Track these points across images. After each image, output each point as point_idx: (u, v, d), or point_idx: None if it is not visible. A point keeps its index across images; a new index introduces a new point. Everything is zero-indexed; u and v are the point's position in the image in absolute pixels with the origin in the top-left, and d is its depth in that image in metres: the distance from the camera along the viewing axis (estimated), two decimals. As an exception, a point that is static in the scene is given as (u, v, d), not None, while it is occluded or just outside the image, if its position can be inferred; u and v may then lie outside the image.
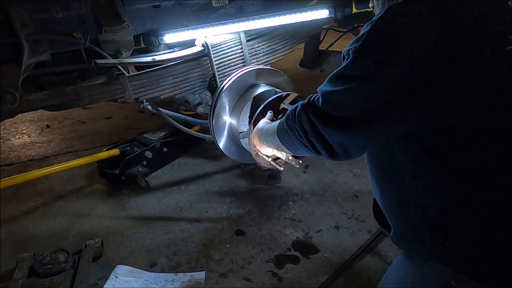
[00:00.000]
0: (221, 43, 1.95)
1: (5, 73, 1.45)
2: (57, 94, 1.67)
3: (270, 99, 1.58)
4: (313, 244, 1.96)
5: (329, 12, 2.15)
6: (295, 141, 1.00)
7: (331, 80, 0.89)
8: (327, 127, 0.88)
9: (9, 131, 3.55)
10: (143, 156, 2.58)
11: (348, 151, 0.89)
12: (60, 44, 1.57)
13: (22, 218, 2.26)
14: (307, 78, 3.56)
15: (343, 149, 0.89)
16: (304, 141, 0.95)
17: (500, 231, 0.85)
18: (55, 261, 1.70)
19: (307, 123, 0.91)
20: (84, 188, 2.56)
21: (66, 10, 1.55)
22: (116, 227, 2.14)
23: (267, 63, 2.13)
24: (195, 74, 1.95)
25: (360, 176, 2.53)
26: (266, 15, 1.94)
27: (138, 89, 1.81)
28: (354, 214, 2.17)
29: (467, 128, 0.80)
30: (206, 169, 2.73)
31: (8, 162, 2.96)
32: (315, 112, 0.89)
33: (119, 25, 1.65)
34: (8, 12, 1.40)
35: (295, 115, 0.96)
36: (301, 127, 0.94)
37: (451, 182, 0.85)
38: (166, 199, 2.39)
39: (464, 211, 0.86)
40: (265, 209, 2.25)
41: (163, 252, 1.94)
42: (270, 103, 1.57)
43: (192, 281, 1.74)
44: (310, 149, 0.95)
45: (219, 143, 1.88)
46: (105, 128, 3.55)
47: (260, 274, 1.77)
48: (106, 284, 1.71)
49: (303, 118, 0.92)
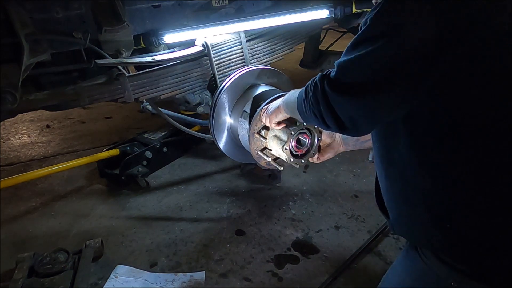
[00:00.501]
0: (221, 43, 1.95)
1: (5, 73, 1.45)
2: (57, 94, 1.67)
3: (270, 99, 1.58)
4: (313, 244, 1.96)
5: (329, 12, 2.15)
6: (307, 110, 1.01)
7: (347, 50, 0.90)
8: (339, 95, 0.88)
9: (9, 131, 3.55)
10: (143, 156, 2.58)
11: (357, 125, 0.90)
12: (60, 44, 1.57)
13: (22, 218, 2.26)
14: (307, 78, 3.54)
15: (352, 123, 0.90)
16: (315, 111, 0.96)
17: (499, 231, 0.85)
18: (55, 261, 1.70)
19: (320, 94, 0.92)
20: (84, 188, 2.56)
21: (66, 10, 1.55)
22: (116, 227, 2.14)
23: (267, 63, 2.13)
24: (195, 74, 1.95)
25: (360, 176, 2.53)
26: (266, 15, 1.94)
27: (138, 89, 1.81)
28: (354, 214, 2.17)
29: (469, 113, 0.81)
30: (206, 169, 2.73)
31: (8, 162, 2.96)
32: (329, 82, 0.90)
33: (119, 25, 1.65)
34: (8, 12, 1.40)
35: (312, 85, 0.97)
36: (314, 97, 0.95)
37: (447, 181, 0.86)
38: (166, 199, 2.39)
39: (461, 211, 0.87)
40: (265, 209, 2.25)
41: (163, 252, 1.94)
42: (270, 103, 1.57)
43: (192, 281, 1.74)
44: (320, 120, 0.96)
45: (219, 143, 1.88)
46: (105, 128, 3.55)
47: (260, 274, 1.77)
48: (106, 284, 1.71)
49: (318, 87, 0.93)
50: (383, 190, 1.06)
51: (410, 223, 0.99)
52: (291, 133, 1.34)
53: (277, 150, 1.43)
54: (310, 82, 1.00)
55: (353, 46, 0.88)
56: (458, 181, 0.85)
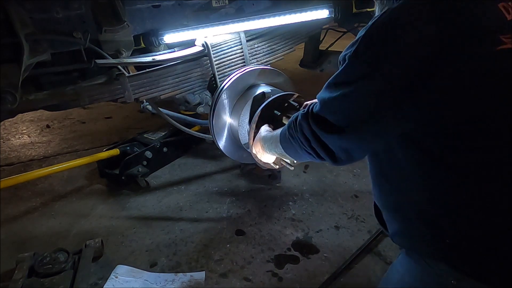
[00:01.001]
0: (221, 43, 1.95)
1: (5, 73, 1.45)
2: (57, 94, 1.67)
3: (270, 99, 1.58)
4: (313, 244, 1.96)
5: (329, 12, 2.15)
6: (298, 149, 1.02)
7: (329, 86, 0.91)
8: (328, 134, 0.89)
9: (9, 131, 3.55)
10: (143, 156, 2.58)
11: (351, 155, 0.91)
12: (60, 44, 1.57)
13: (22, 218, 2.26)
14: (307, 78, 3.56)
15: (346, 154, 0.91)
16: (307, 149, 0.97)
17: (499, 230, 0.85)
18: (55, 261, 1.70)
19: (308, 132, 0.93)
20: (84, 188, 2.56)
21: (66, 10, 1.55)
22: (116, 227, 2.14)
23: (267, 63, 2.13)
24: (195, 74, 1.95)
25: (360, 176, 2.53)
26: (266, 15, 1.94)
27: (138, 89, 1.81)
28: (354, 214, 2.17)
29: (462, 126, 0.81)
30: (206, 169, 2.73)
31: (8, 162, 2.96)
32: (315, 121, 0.91)
33: (119, 25, 1.65)
34: (8, 12, 1.40)
35: (297, 125, 0.99)
36: (303, 136, 0.96)
37: (448, 181, 0.86)
38: (166, 199, 2.39)
39: (461, 211, 0.87)
40: (265, 209, 2.25)
41: (163, 252, 1.94)
42: (271, 103, 1.57)
43: (192, 281, 1.74)
44: (314, 156, 0.97)
45: (219, 143, 1.88)
46: (105, 128, 3.55)
47: (260, 274, 1.77)
48: (106, 284, 1.71)
49: (304, 127, 0.94)
50: (380, 205, 1.06)
51: (410, 236, 0.99)
52: None
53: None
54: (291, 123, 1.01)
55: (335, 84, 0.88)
56: (457, 184, 0.85)
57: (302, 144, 0.98)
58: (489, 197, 0.84)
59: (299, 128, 0.97)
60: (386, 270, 1.16)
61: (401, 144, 0.89)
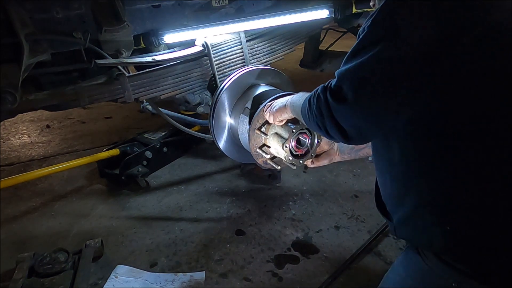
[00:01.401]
0: (221, 43, 1.95)
1: (5, 73, 1.45)
2: (57, 94, 1.67)
3: (270, 99, 1.58)
4: (313, 244, 1.96)
5: (329, 12, 2.15)
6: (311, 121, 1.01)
7: (347, 58, 0.90)
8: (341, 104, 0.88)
9: (9, 131, 3.55)
10: (143, 156, 2.58)
11: (362, 134, 0.91)
12: (60, 44, 1.57)
13: (22, 218, 2.26)
14: (307, 78, 3.56)
15: (357, 132, 0.90)
16: (319, 123, 0.97)
17: (499, 230, 0.85)
18: (55, 261, 1.70)
19: (324, 105, 0.93)
20: (84, 188, 2.56)
21: (66, 10, 1.55)
22: (116, 227, 2.14)
23: (267, 63, 2.13)
24: (195, 74, 1.95)
25: (360, 176, 2.53)
26: (266, 15, 1.94)
27: (138, 89, 1.81)
28: (354, 214, 2.17)
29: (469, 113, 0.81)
30: (206, 169, 2.73)
31: (8, 162, 2.96)
32: (331, 92, 0.90)
33: (119, 25, 1.65)
34: (8, 12, 1.40)
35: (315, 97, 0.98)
36: (318, 109, 0.95)
37: (448, 181, 0.86)
38: (166, 199, 2.39)
39: (461, 211, 0.87)
40: (265, 209, 2.25)
41: (163, 252, 1.94)
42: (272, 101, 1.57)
43: (192, 281, 1.74)
44: (323, 132, 0.97)
45: (219, 143, 1.87)
46: (105, 128, 3.55)
47: (260, 274, 1.77)
48: (106, 284, 1.71)
49: (321, 99, 0.94)
50: (386, 194, 1.06)
51: (412, 225, 0.99)
52: (292, 131, 1.34)
53: (276, 148, 1.43)
54: (313, 93, 1.00)
55: (353, 54, 0.87)
56: (458, 181, 0.86)
57: (315, 117, 0.97)
58: (489, 197, 0.84)
59: (316, 100, 0.96)
60: (386, 270, 1.16)
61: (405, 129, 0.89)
